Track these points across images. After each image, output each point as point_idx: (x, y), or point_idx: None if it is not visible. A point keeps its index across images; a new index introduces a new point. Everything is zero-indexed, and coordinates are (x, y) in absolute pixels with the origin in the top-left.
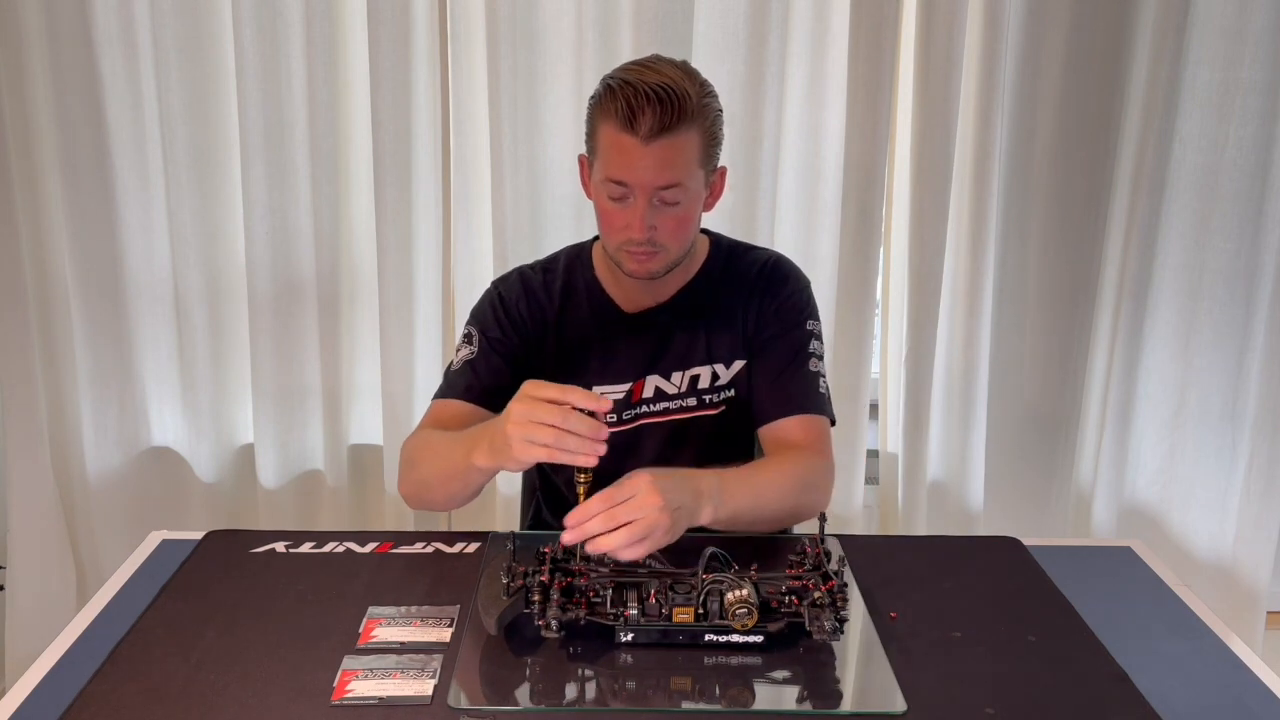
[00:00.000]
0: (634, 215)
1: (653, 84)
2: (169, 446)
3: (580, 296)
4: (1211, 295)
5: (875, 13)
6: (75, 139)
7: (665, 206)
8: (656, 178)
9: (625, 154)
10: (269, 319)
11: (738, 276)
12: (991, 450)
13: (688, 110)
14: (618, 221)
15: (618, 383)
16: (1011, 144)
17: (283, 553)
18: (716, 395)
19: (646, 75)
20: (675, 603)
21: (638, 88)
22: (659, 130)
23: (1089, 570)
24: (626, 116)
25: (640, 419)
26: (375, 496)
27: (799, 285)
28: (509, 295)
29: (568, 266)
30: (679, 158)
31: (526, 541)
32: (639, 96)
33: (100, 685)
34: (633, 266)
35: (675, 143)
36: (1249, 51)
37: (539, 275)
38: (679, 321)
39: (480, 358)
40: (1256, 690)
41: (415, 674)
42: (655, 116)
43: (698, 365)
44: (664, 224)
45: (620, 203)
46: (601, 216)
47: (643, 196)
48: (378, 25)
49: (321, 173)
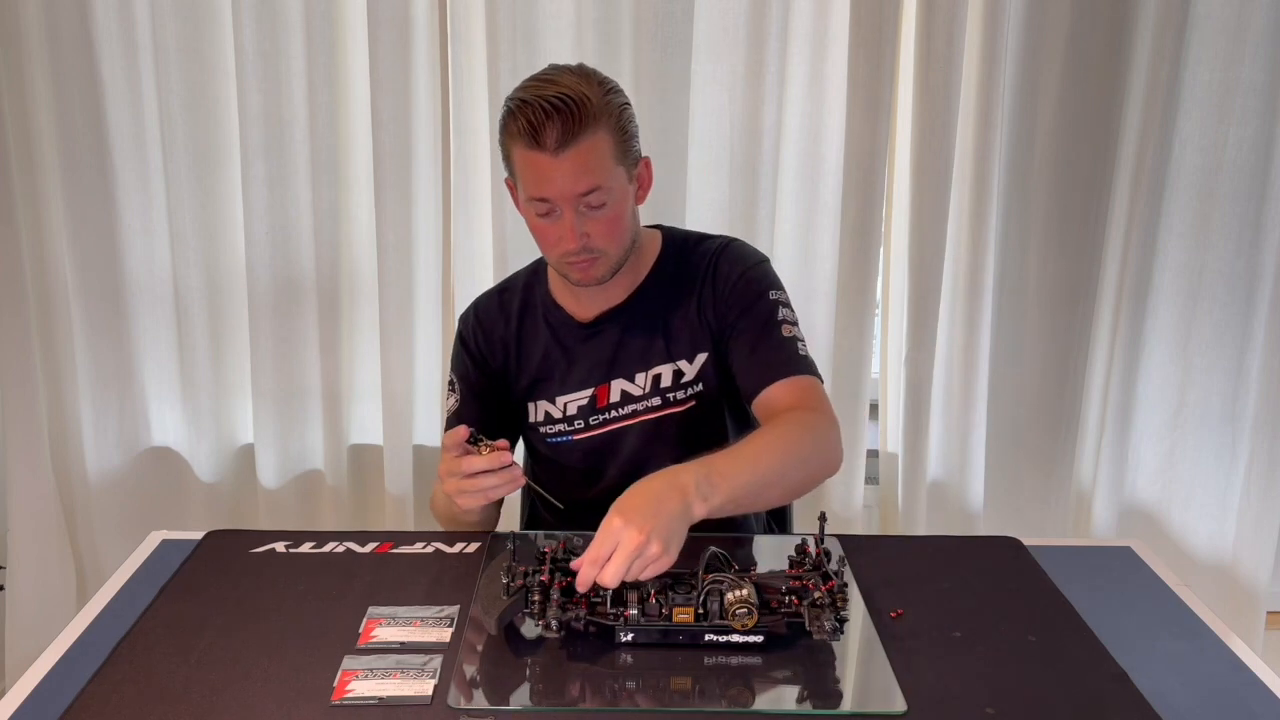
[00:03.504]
0: (564, 227)
1: (550, 96)
2: (169, 446)
3: (537, 312)
4: (1211, 295)
5: (875, 12)
6: (75, 139)
7: (592, 211)
8: (575, 186)
9: (539, 170)
10: (269, 319)
11: (690, 270)
12: (991, 450)
13: (589, 114)
14: (550, 236)
15: (580, 389)
16: (1011, 144)
17: (283, 553)
18: (683, 392)
19: (545, 89)
20: (675, 603)
21: (535, 104)
22: (565, 140)
23: (1089, 570)
24: (530, 134)
25: (610, 424)
26: (375, 496)
27: (751, 262)
28: (467, 334)
29: (526, 285)
30: (592, 161)
31: (526, 542)
32: (538, 112)
33: (100, 685)
34: (578, 276)
35: (584, 148)
36: (1249, 51)
37: (496, 298)
38: (636, 323)
39: (463, 406)
40: (1256, 690)
41: (415, 674)
42: (559, 128)
43: (659, 364)
44: (595, 229)
45: (548, 218)
46: (536, 234)
47: (567, 207)
48: (378, 25)
49: (321, 173)
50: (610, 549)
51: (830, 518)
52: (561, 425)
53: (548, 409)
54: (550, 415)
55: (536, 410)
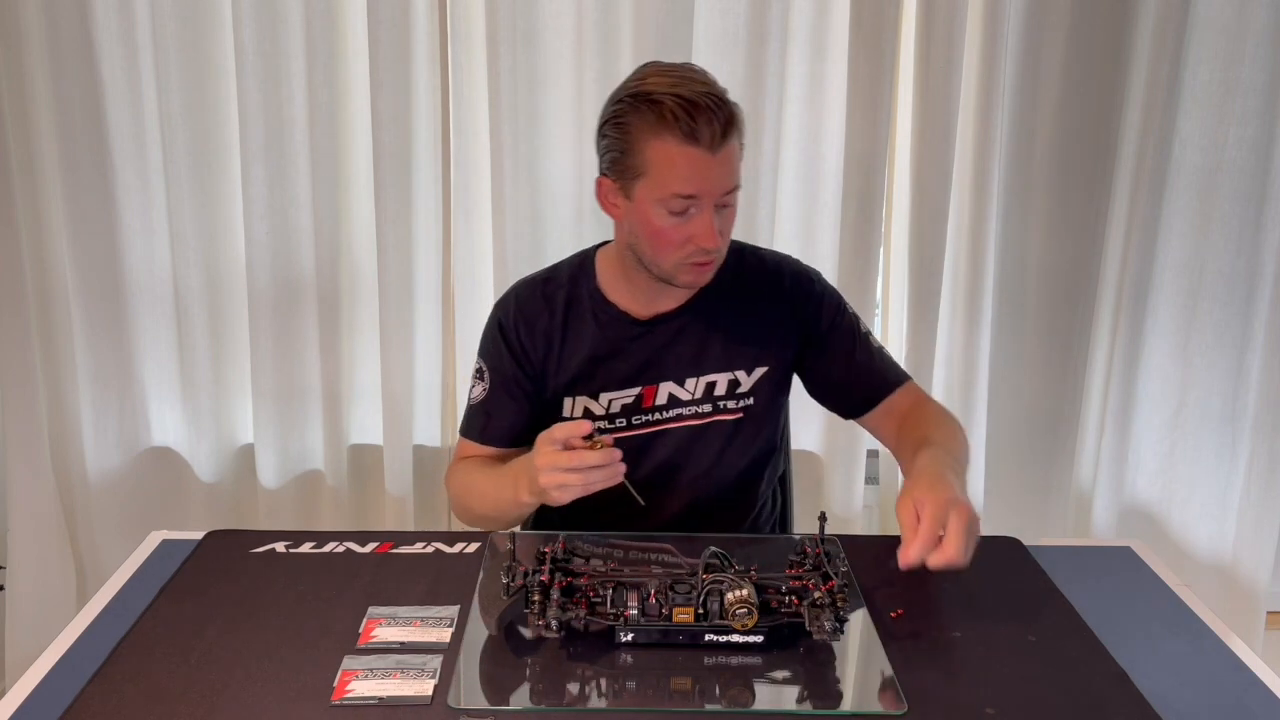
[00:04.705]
0: (703, 226)
1: (701, 93)
2: (169, 446)
3: (584, 306)
4: (1211, 295)
5: (875, 13)
6: (75, 139)
7: (720, 210)
8: (725, 184)
9: (694, 166)
10: (269, 319)
11: (751, 281)
12: (991, 450)
13: (738, 114)
14: (677, 237)
15: (627, 388)
16: (1011, 144)
17: (283, 553)
18: (735, 401)
19: (692, 86)
20: (675, 603)
21: (696, 100)
22: (722, 138)
23: (1089, 570)
24: (689, 129)
25: (651, 425)
26: (375, 496)
27: (819, 279)
28: (507, 324)
29: (572, 278)
30: (736, 161)
31: (526, 541)
32: (696, 107)
33: (100, 685)
34: (691, 278)
35: (733, 147)
36: (1249, 51)
37: (539, 288)
38: (692, 327)
39: (490, 398)
40: (1256, 690)
41: (415, 674)
42: (718, 125)
43: (714, 372)
44: (723, 228)
45: (682, 216)
46: (656, 235)
47: (711, 205)
48: (378, 25)
49: (321, 173)
50: (944, 521)
51: (830, 518)
52: (602, 422)
53: (588, 404)
54: (590, 412)
55: (574, 406)
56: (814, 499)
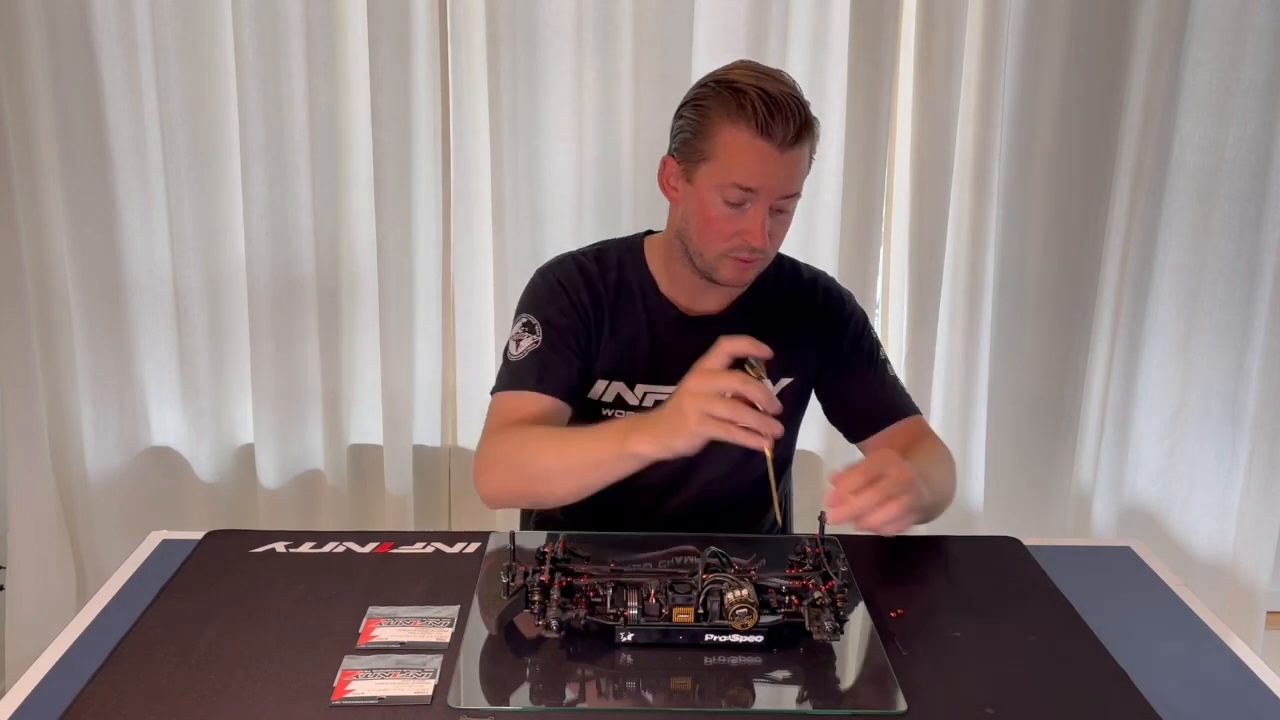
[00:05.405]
0: (753, 222)
1: (784, 94)
2: (169, 446)
3: (633, 291)
4: (1211, 295)
5: (875, 13)
6: (75, 139)
7: (775, 214)
8: (786, 186)
9: (761, 160)
10: (269, 319)
11: (791, 293)
12: (991, 450)
13: (814, 123)
14: (727, 228)
15: (666, 384)
16: (1011, 144)
17: (283, 553)
18: None
19: (778, 85)
20: (675, 603)
21: (778, 97)
22: (793, 140)
23: (1089, 570)
24: (765, 123)
25: None
26: (375, 496)
27: (850, 299)
28: (569, 283)
29: (620, 260)
30: (802, 167)
31: (526, 541)
32: (776, 104)
33: (100, 685)
34: (731, 275)
35: (802, 153)
36: (1249, 51)
37: (592, 261)
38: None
39: (546, 347)
40: (1256, 690)
41: (415, 674)
42: (793, 126)
43: None
44: (775, 232)
45: (738, 208)
46: (708, 223)
47: (767, 204)
48: (378, 25)
49: (321, 173)
50: (880, 473)
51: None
52: (631, 413)
53: (621, 392)
54: (622, 399)
55: (608, 390)
56: (814, 499)
